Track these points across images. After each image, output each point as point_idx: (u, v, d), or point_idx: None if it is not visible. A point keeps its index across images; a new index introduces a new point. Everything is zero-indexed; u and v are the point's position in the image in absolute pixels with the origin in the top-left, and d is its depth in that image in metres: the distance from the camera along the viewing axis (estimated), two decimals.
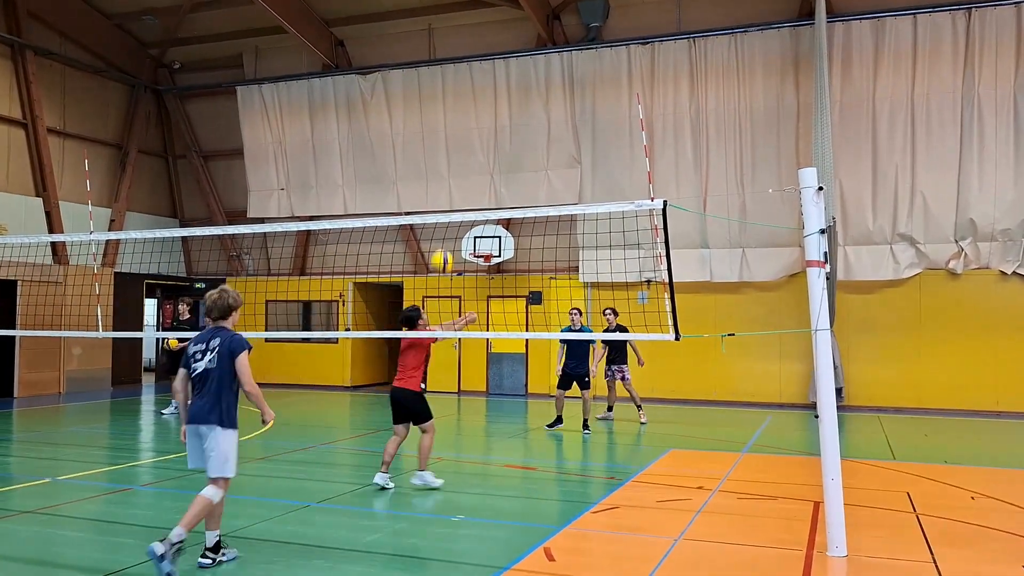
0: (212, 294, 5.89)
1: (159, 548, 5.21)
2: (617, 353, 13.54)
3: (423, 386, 8.30)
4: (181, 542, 5.33)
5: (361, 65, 19.64)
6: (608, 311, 13.38)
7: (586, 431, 12.31)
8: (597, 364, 13.26)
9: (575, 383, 12.44)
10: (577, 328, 12.38)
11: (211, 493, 5.58)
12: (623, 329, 13.12)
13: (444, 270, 9.54)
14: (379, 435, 12.97)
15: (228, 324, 5.87)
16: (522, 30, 18.15)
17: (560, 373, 12.55)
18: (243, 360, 5.67)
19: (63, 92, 19.16)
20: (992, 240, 15.21)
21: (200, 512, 5.53)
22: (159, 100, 21.82)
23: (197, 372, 5.72)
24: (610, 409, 14.15)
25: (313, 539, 6.40)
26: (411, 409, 8.24)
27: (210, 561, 5.65)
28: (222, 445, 5.61)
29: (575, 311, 12.57)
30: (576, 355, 12.39)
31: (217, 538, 5.73)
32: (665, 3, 17.25)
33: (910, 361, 15.69)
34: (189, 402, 5.79)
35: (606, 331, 13.28)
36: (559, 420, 12.82)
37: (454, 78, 18.62)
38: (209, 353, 5.69)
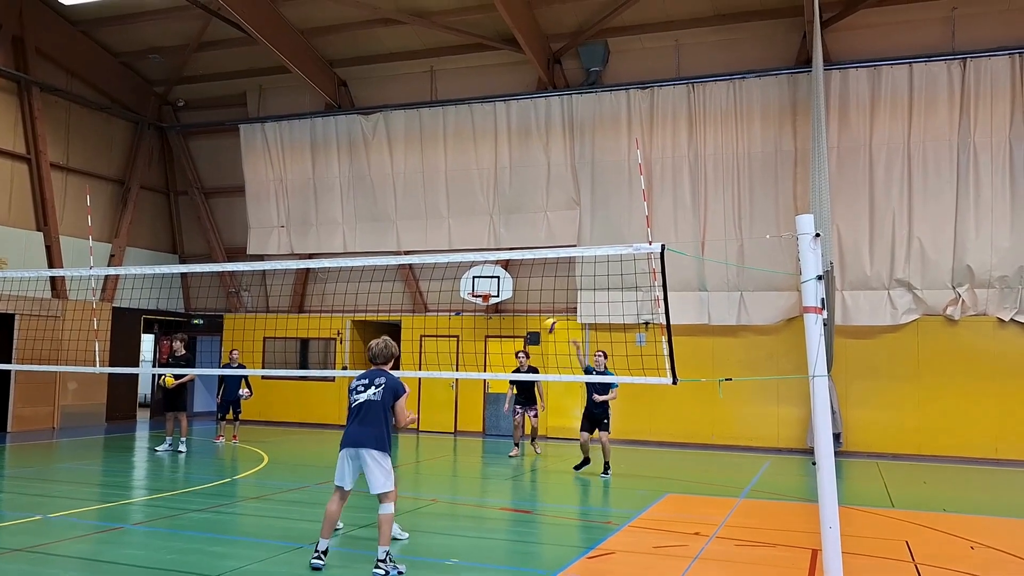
0: (378, 343, 6.91)
1: (380, 570, 6.24)
2: (526, 395, 14.44)
3: None
4: (388, 553, 6.36)
5: (363, 105, 19.86)
6: (520, 353, 14.27)
7: (605, 474, 12.29)
8: (508, 404, 14.66)
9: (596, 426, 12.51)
10: (602, 371, 12.37)
11: (387, 509, 6.49)
12: (534, 371, 13.98)
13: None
14: None
15: (387, 367, 6.88)
16: (523, 73, 18.38)
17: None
18: (403, 402, 6.75)
19: (67, 128, 19.35)
20: (989, 287, 15.25)
21: (388, 527, 6.47)
22: (162, 137, 22.02)
23: (358, 402, 6.67)
24: (517, 445, 14.81)
25: None
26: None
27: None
28: (382, 466, 6.50)
29: (600, 353, 12.50)
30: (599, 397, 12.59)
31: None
32: (664, 49, 17.49)
33: (908, 407, 15.64)
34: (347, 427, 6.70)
35: (516, 371, 14.11)
36: (586, 461, 12.67)
37: (455, 119, 18.81)
38: (373, 388, 6.67)
